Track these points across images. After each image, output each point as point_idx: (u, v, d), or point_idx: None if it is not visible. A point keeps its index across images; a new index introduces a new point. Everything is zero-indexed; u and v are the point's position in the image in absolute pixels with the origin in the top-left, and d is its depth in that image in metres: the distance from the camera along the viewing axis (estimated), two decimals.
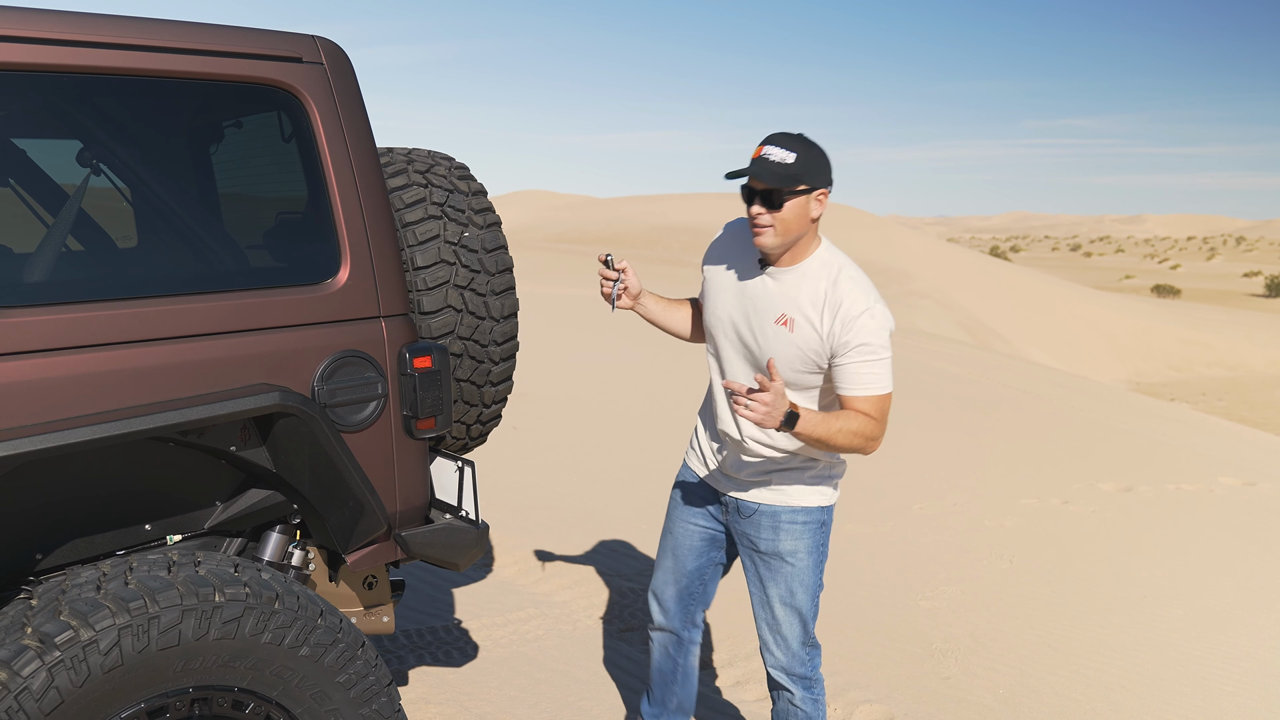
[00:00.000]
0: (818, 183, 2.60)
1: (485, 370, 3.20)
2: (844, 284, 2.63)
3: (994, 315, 44.13)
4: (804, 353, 2.66)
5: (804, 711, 2.94)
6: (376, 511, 2.59)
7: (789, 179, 2.56)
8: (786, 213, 2.58)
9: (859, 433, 2.57)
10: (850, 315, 2.58)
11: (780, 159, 2.55)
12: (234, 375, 2.37)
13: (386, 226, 2.65)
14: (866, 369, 2.59)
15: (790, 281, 2.70)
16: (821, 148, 2.64)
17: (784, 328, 2.68)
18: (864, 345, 2.58)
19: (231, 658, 2.21)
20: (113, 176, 2.44)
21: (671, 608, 3.15)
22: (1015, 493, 7.34)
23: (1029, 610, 5.04)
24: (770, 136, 2.63)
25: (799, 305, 2.67)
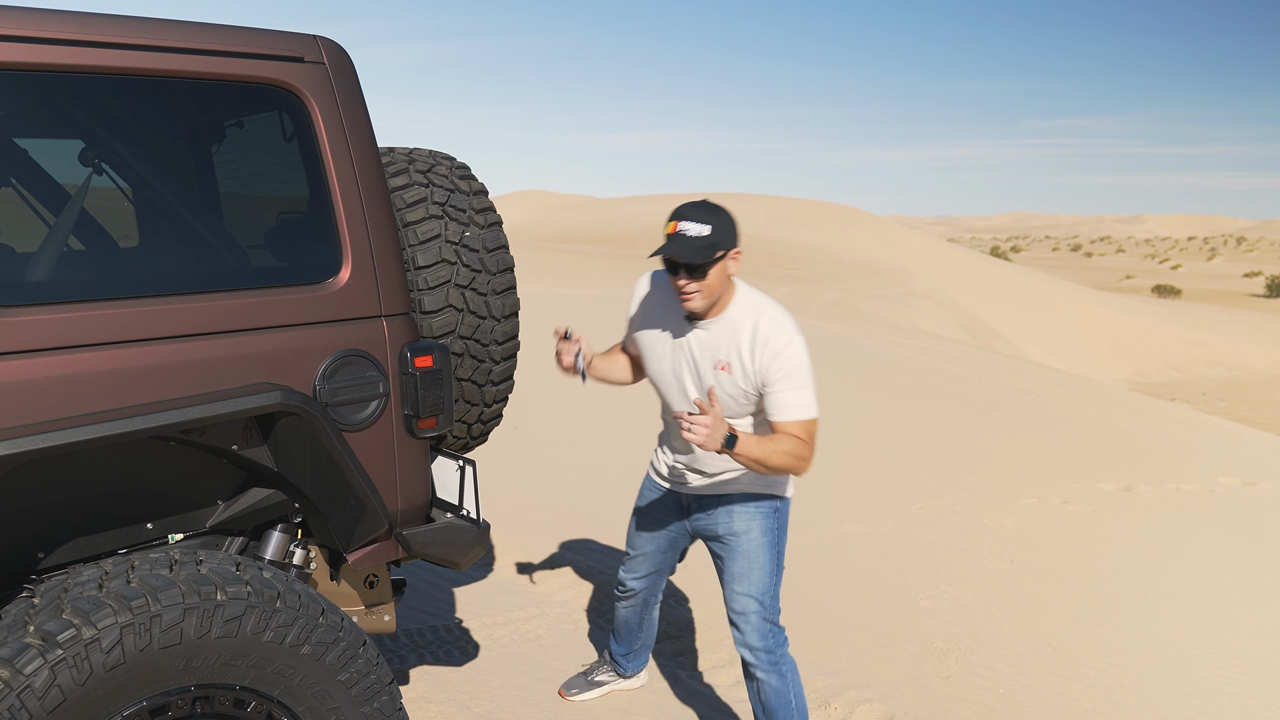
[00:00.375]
0: (730, 244, 2.90)
1: (486, 370, 3.21)
2: (765, 324, 2.95)
3: (994, 315, 44.13)
4: (743, 390, 2.98)
5: (770, 685, 3.20)
6: (378, 510, 2.59)
7: (707, 250, 2.85)
8: (710, 279, 2.89)
9: (791, 453, 2.86)
10: (775, 351, 2.90)
11: (697, 233, 2.85)
12: (236, 374, 2.37)
13: (388, 226, 2.66)
14: (794, 396, 2.90)
15: (719, 330, 3.01)
16: (727, 210, 2.94)
17: (723, 372, 3.00)
18: (789, 375, 2.89)
19: (233, 656, 2.22)
20: (114, 176, 2.44)
21: (641, 586, 3.61)
22: (1015, 492, 7.35)
23: (1029, 610, 5.05)
24: (681, 211, 2.91)
25: (730, 350, 2.97)
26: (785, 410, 2.91)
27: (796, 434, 2.88)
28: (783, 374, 2.89)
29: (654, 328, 3.20)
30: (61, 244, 2.44)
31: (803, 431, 2.89)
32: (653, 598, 3.69)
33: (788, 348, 2.90)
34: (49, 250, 2.39)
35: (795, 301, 32.03)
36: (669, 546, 3.51)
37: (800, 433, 2.88)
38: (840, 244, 58.73)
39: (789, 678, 3.22)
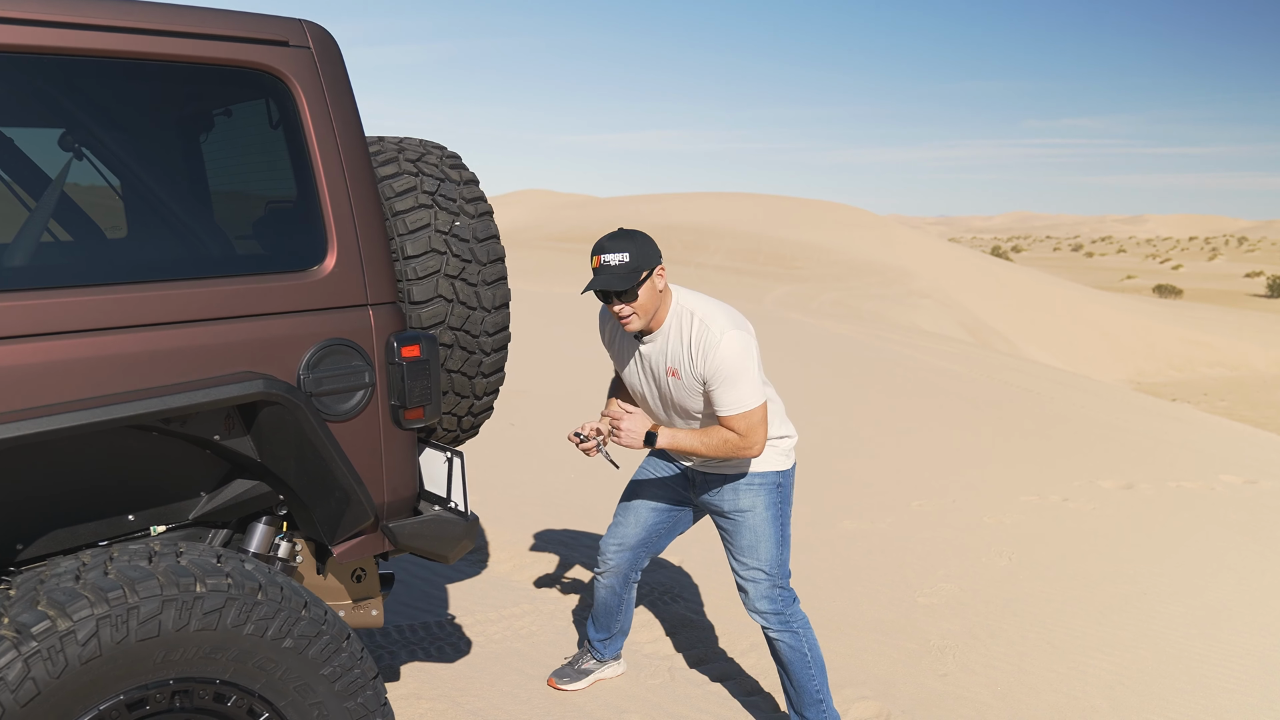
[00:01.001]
0: (653, 263, 3.08)
1: (476, 361, 3.16)
2: (695, 327, 3.13)
3: (995, 315, 44.08)
4: (693, 385, 3.17)
5: (784, 643, 3.37)
6: (363, 502, 2.55)
7: (632, 274, 3.03)
8: (641, 299, 3.08)
9: (725, 444, 3.11)
10: (705, 351, 3.08)
11: (619, 261, 3.04)
12: (218, 363, 2.33)
13: (374, 213, 2.61)
14: (726, 394, 3.08)
15: (661, 340, 3.22)
16: (643, 233, 3.11)
17: (674, 377, 3.22)
18: (718, 373, 3.06)
19: (213, 649, 2.17)
20: (95, 161, 2.40)
21: (624, 559, 3.67)
22: (1015, 490, 7.30)
23: (1028, 607, 5.00)
24: (600, 245, 3.09)
25: (676, 355, 3.18)
26: (720, 407, 3.11)
27: (733, 427, 3.09)
28: (714, 373, 3.07)
29: (620, 349, 3.40)
30: (39, 230, 2.40)
31: (739, 424, 3.08)
32: (632, 573, 3.73)
33: (716, 347, 3.06)
34: (25, 236, 2.35)
35: (795, 301, 32.00)
36: (665, 512, 3.61)
37: (736, 426, 3.09)
38: (841, 243, 58.67)
39: (802, 634, 3.38)
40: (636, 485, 3.67)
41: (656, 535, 3.65)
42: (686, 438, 3.16)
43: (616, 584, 3.73)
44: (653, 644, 4.35)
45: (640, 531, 3.63)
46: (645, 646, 4.31)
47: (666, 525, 3.65)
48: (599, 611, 3.83)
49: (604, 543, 3.72)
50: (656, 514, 3.62)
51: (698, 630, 4.49)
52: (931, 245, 63.75)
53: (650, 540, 3.66)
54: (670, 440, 3.17)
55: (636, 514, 3.63)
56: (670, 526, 3.65)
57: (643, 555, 3.69)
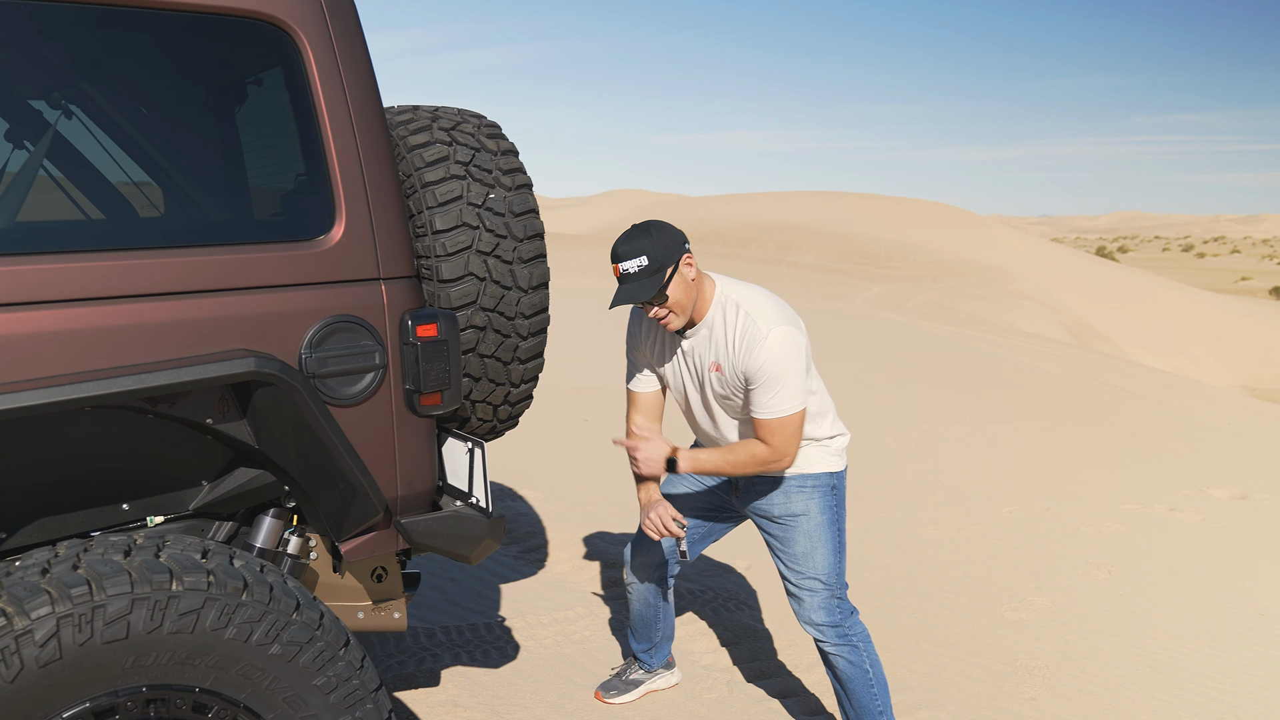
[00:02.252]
0: (676, 257, 2.83)
1: (512, 345, 2.92)
2: (741, 320, 2.87)
3: (1098, 317, 42.56)
4: (737, 383, 2.91)
5: (843, 658, 3.08)
6: (370, 495, 2.32)
7: (654, 277, 2.81)
8: (672, 297, 2.85)
9: (751, 459, 2.88)
10: (750, 347, 2.83)
11: (638, 266, 2.81)
12: (211, 339, 2.13)
13: (388, 180, 2.38)
14: (763, 395, 2.83)
15: (704, 334, 2.97)
16: (657, 223, 2.89)
17: (717, 373, 2.96)
18: (760, 371, 2.81)
19: (190, 654, 1.97)
20: (82, 117, 2.22)
21: (653, 565, 3.40)
22: (1117, 497, 6.80)
23: (1128, 626, 4.57)
24: (615, 251, 2.86)
25: (719, 350, 2.93)
26: (756, 408, 2.87)
27: (765, 435, 2.86)
28: (757, 371, 2.83)
29: (659, 351, 3.16)
30: (22, 192, 2.22)
31: (773, 430, 2.84)
32: (665, 583, 3.47)
33: (762, 342, 2.82)
34: (6, 199, 2.18)
35: (889, 300, 31.28)
36: (704, 520, 3.35)
37: (770, 434, 2.85)
38: (938, 243, 57.42)
39: (862, 649, 3.10)
40: (672, 486, 3.39)
41: (688, 542, 3.35)
42: (709, 458, 2.95)
43: (648, 594, 3.47)
44: (711, 654, 4.06)
45: (667, 543, 3.36)
46: (703, 657, 4.03)
47: (701, 532, 3.36)
48: (635, 622, 3.57)
49: (629, 550, 3.45)
50: (690, 519, 3.33)
51: (760, 641, 4.18)
52: (1033, 245, 61.98)
53: (675, 550, 3.38)
54: (692, 463, 2.97)
55: None
56: (705, 533, 3.37)
57: (674, 562, 3.42)
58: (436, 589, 4.55)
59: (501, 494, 6.12)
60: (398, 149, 2.90)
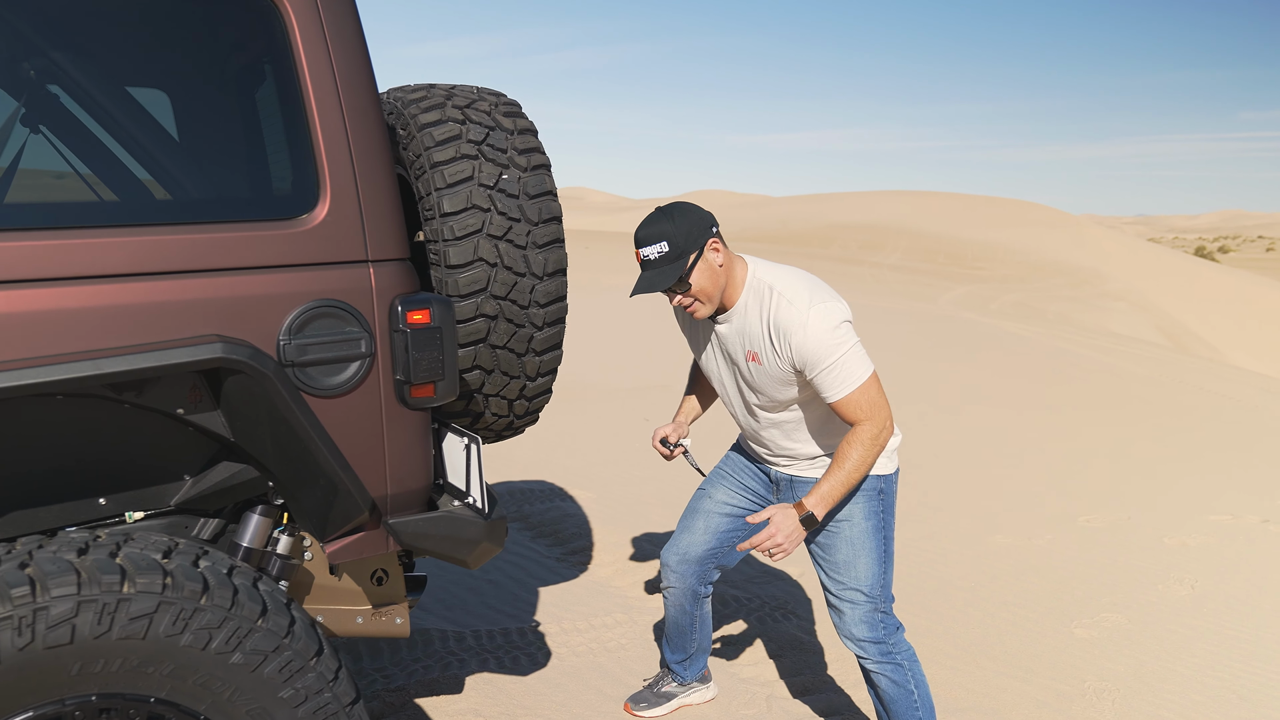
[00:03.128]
0: (700, 242, 2.66)
1: (526, 336, 2.75)
2: (775, 304, 2.68)
3: (1197, 319, 40.93)
4: (781, 374, 2.72)
5: (885, 677, 2.87)
6: (353, 493, 2.17)
7: (675, 264, 2.64)
8: (696, 284, 2.68)
9: (862, 452, 2.65)
10: (790, 334, 2.63)
11: (658, 253, 2.65)
12: (181, 323, 1.99)
13: (378, 157, 2.22)
14: (829, 376, 2.63)
15: (738, 321, 2.78)
16: (681, 206, 2.72)
17: (755, 363, 2.77)
18: (813, 356, 2.62)
19: (143, 661, 1.83)
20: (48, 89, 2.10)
21: (688, 571, 3.18)
22: (1204, 507, 6.37)
23: (1211, 647, 4.21)
24: (637, 236, 2.70)
25: (756, 338, 2.74)
26: (831, 389, 2.65)
27: (852, 414, 2.65)
28: (809, 357, 2.63)
29: (694, 333, 3.01)
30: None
31: (858, 405, 2.64)
32: (701, 588, 3.24)
33: (803, 328, 2.62)
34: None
35: (974, 301, 30.49)
36: (737, 524, 3.14)
37: (856, 410, 2.65)
38: (1027, 243, 55.95)
39: (907, 667, 2.88)
40: (709, 487, 3.19)
41: (728, 546, 3.15)
42: (832, 486, 2.67)
43: (685, 601, 3.24)
44: (753, 667, 3.83)
45: (709, 540, 3.14)
46: (744, 669, 3.81)
47: (742, 535, 3.14)
48: (670, 631, 3.36)
49: (665, 553, 3.24)
50: (730, 521, 3.12)
51: (807, 654, 3.95)
52: (1127, 245, 60.04)
53: (720, 551, 3.17)
54: (825, 502, 2.67)
55: (707, 520, 3.14)
56: (745, 537, 3.14)
57: (711, 568, 3.21)
58: (473, 590, 4.41)
59: (552, 494, 5.97)
60: (408, 128, 2.75)
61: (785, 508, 2.68)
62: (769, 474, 3.03)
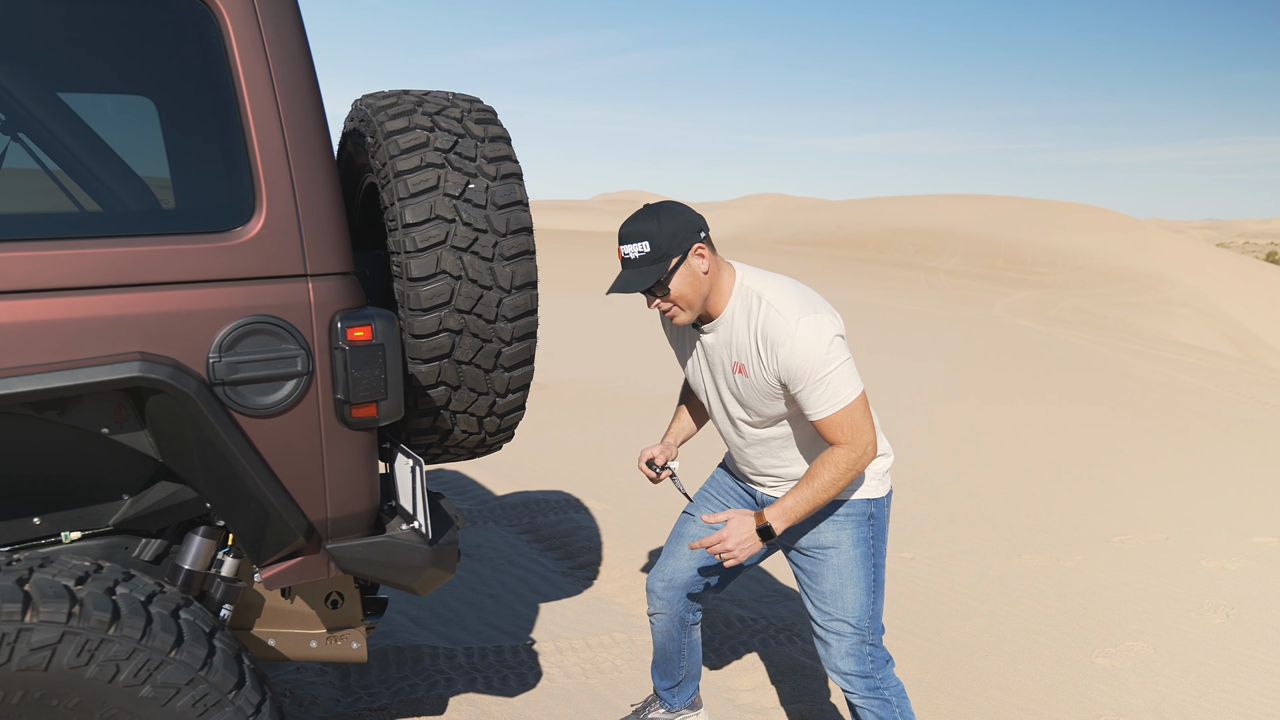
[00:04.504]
0: (685, 246, 2.54)
1: (493, 351, 2.65)
2: (763, 314, 2.56)
3: (1266, 326, 39.77)
4: (767, 387, 2.61)
5: (872, 713, 2.74)
6: (286, 518, 2.08)
7: (654, 267, 2.52)
8: (676, 290, 2.55)
9: (836, 473, 2.53)
10: (777, 346, 2.52)
11: (639, 253, 2.53)
12: (103, 340, 1.92)
13: (320, 168, 2.14)
14: (813, 393, 2.51)
15: (725, 330, 2.67)
16: (670, 206, 2.59)
17: (741, 375, 2.66)
18: (800, 370, 2.50)
19: (45, 694, 1.76)
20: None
21: (675, 598, 3.06)
22: (1250, 529, 6.09)
23: (1241, 682, 3.99)
24: (620, 233, 2.58)
25: (742, 349, 2.63)
26: (814, 407, 2.52)
27: (833, 434, 2.53)
28: (796, 370, 2.50)
29: (682, 343, 2.89)
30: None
31: (840, 427, 2.51)
32: (689, 616, 3.11)
33: (791, 339, 2.49)
34: None
35: (1031, 306, 29.91)
36: None
37: (838, 431, 2.52)
38: (1089, 248, 54.85)
39: (895, 703, 2.75)
40: (695, 510, 3.05)
41: (715, 572, 3.01)
42: (796, 502, 2.55)
43: (672, 628, 3.11)
44: (751, 692, 3.70)
45: (695, 565, 3.00)
46: (741, 695, 3.67)
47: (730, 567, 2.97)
48: (658, 657, 3.22)
49: (650, 579, 3.10)
50: None
51: (807, 680, 3.80)
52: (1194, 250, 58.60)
53: (708, 577, 3.03)
54: (785, 515, 2.55)
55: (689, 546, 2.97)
56: (735, 568, 2.97)
57: (698, 594, 3.07)
58: (471, 605, 4.33)
59: (566, 505, 5.87)
60: (375, 136, 2.67)
61: (744, 514, 2.58)
62: (755, 495, 2.89)
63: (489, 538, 5.23)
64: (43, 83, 2.05)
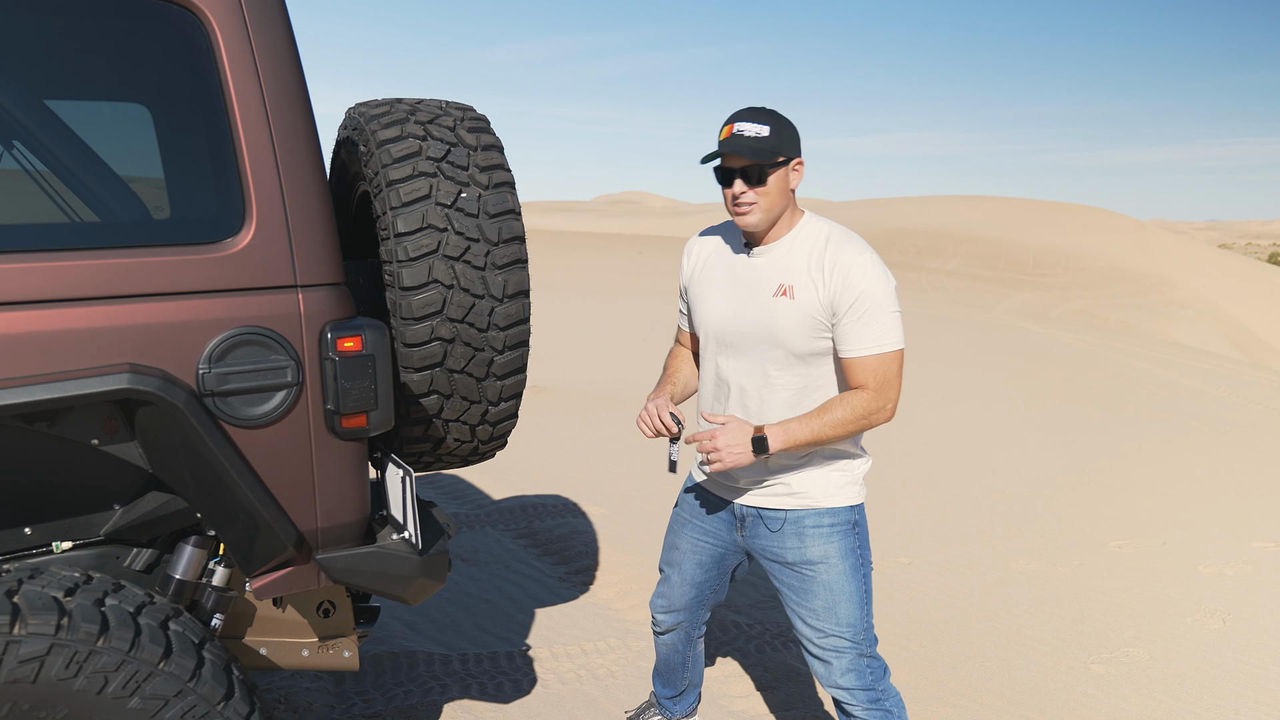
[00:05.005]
0: (793, 152, 2.54)
1: (486, 360, 2.66)
2: (837, 242, 2.56)
3: (1268, 328, 39.73)
4: (810, 317, 2.54)
5: None
6: (276, 529, 2.09)
7: (767, 152, 2.49)
8: (770, 186, 2.52)
9: (852, 417, 2.49)
10: (847, 269, 2.49)
11: (755, 133, 2.50)
12: (97, 351, 1.93)
13: (310, 178, 2.14)
14: (866, 327, 2.49)
15: (780, 253, 2.62)
16: (790, 119, 2.57)
17: (784, 298, 2.57)
18: (861, 297, 2.48)
19: (34, 706, 1.76)
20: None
21: (677, 619, 3.02)
22: (1248, 533, 6.09)
23: (1236, 688, 3.99)
24: (738, 113, 2.56)
25: (795, 272, 2.57)
26: (860, 341, 2.50)
27: (864, 378, 2.50)
28: (857, 297, 2.48)
29: (704, 272, 2.78)
30: None
31: (874, 370, 2.49)
32: (695, 630, 3.08)
33: (857, 267, 2.49)
34: None
35: (1033, 308, 29.89)
36: (713, 566, 2.91)
37: (871, 376, 2.50)
38: (1091, 249, 54.80)
39: (896, 714, 2.72)
40: (676, 534, 2.97)
41: (710, 590, 2.96)
42: (801, 427, 2.49)
43: (678, 641, 3.07)
44: (744, 699, 3.70)
45: (689, 591, 2.95)
46: (735, 701, 3.68)
47: (718, 578, 2.95)
48: (661, 667, 3.18)
49: (652, 603, 3.06)
50: (703, 571, 2.91)
51: (802, 686, 3.80)
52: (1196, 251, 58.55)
53: (704, 597, 2.98)
54: (785, 437, 2.49)
55: (681, 572, 2.94)
56: (721, 578, 2.96)
57: (700, 611, 3.02)
58: (467, 610, 4.33)
59: (564, 509, 5.88)
60: (368, 144, 2.68)
61: (743, 423, 2.54)
62: (733, 510, 2.80)
63: (486, 542, 5.23)
64: (29, 92, 2.05)
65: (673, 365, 2.97)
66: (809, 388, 2.63)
